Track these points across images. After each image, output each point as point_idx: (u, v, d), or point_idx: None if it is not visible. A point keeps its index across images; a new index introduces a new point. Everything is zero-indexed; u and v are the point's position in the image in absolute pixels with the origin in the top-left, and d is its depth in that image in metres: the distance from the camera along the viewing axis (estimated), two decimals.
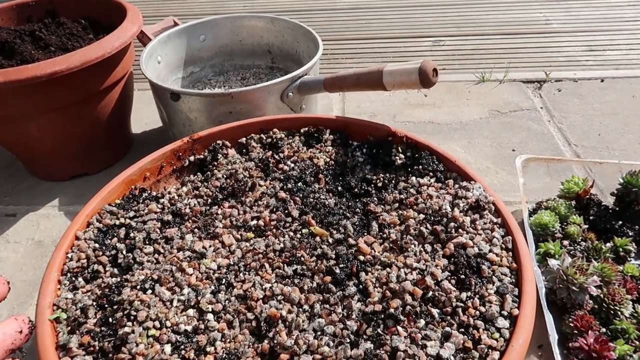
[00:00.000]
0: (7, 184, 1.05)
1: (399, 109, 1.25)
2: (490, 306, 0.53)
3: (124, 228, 0.65)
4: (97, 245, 0.62)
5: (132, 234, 0.64)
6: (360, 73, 0.84)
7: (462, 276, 0.56)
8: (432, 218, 0.63)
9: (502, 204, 0.64)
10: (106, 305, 0.55)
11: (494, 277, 0.56)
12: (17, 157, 1.05)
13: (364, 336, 0.51)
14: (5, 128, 0.92)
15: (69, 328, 0.53)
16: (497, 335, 0.50)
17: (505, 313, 0.52)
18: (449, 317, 0.53)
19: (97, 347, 0.50)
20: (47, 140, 0.94)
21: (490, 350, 0.49)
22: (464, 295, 0.54)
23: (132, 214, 0.67)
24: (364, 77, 0.84)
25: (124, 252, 0.62)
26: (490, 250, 0.58)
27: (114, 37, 0.91)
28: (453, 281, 0.56)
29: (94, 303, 0.55)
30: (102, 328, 0.52)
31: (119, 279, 0.58)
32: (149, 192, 0.73)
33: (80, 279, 0.59)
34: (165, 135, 1.07)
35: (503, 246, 0.60)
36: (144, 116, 1.25)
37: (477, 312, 0.52)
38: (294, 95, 0.94)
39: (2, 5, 1.08)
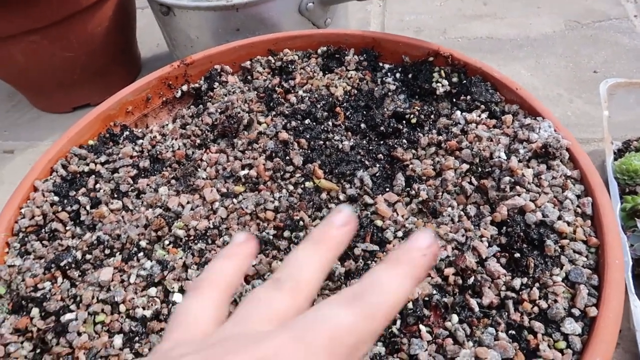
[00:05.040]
0: (8, 117, 0.96)
1: (450, 21, 1.02)
2: (556, 301, 0.37)
3: (94, 176, 0.54)
4: (56, 198, 0.51)
5: (98, 185, 0.52)
6: None
7: (517, 254, 0.40)
8: (480, 169, 0.47)
9: (580, 150, 0.46)
10: (59, 277, 0.45)
11: (562, 256, 0.40)
12: (17, 89, 0.95)
13: None
14: None
15: (11, 305, 0.43)
16: (562, 344, 0.35)
17: (576, 312, 0.37)
18: (494, 313, 0.38)
19: (36, 334, 0.40)
20: (35, 67, 0.82)
21: None
22: (517, 282, 0.39)
23: (104, 158, 0.55)
24: None
25: (88, 207, 0.50)
26: (560, 217, 0.42)
27: None
28: (503, 260, 0.41)
29: (46, 272, 0.45)
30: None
31: (79, 241, 0.47)
32: (132, 129, 0.61)
33: (34, 240, 0.48)
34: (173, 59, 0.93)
35: (579, 211, 0.43)
36: (155, 36, 1.10)
37: (536, 309, 0.37)
38: (316, 6, 0.75)
39: None
